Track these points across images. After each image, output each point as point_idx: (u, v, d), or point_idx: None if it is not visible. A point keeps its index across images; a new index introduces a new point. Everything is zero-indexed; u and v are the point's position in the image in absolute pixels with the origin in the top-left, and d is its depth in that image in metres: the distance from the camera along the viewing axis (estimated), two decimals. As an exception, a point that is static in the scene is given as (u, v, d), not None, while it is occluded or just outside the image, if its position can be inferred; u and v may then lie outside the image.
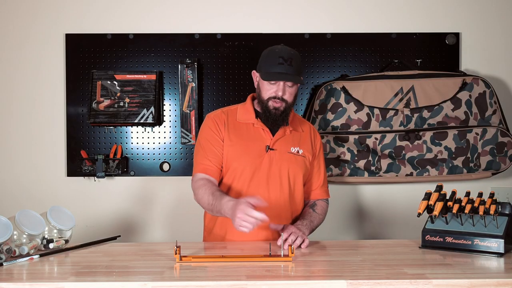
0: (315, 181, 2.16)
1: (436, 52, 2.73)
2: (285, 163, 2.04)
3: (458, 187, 1.89)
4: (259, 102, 2.06)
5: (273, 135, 2.05)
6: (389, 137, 2.59)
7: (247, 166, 2.02)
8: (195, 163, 2.06)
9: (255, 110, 2.09)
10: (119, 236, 2.03)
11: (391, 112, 2.61)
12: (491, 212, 1.70)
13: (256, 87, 2.08)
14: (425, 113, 2.61)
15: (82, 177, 2.69)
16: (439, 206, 1.71)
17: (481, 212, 1.69)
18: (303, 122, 2.19)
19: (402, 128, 2.61)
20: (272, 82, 1.99)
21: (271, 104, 2.01)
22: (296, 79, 1.98)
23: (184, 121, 2.65)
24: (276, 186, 2.02)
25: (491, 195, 1.76)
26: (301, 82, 2.01)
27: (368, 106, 2.61)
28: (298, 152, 2.07)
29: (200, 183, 1.99)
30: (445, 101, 2.61)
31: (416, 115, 2.61)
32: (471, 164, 2.59)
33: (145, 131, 2.70)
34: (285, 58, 1.98)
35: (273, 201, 2.01)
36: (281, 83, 1.98)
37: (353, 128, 2.61)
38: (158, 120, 2.66)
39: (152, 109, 2.61)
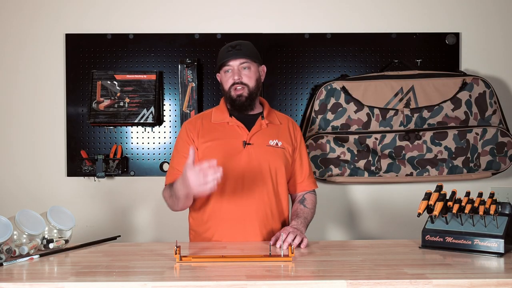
0: (299, 174, 2.14)
1: (436, 52, 2.73)
2: (265, 157, 2.03)
3: (458, 187, 1.89)
4: (224, 96, 2.10)
5: (249, 131, 2.05)
6: (389, 137, 2.59)
7: (225, 163, 1.99)
8: (167, 174, 2.11)
9: (228, 109, 2.11)
10: (119, 236, 2.03)
11: (391, 112, 2.61)
12: (491, 212, 1.70)
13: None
14: (425, 113, 2.61)
15: (82, 177, 2.69)
16: (439, 206, 1.71)
17: (481, 212, 1.69)
18: (281, 116, 2.19)
19: (402, 128, 2.61)
20: (227, 70, 2.05)
21: (233, 92, 2.05)
22: (241, 56, 2.03)
23: (184, 121, 2.65)
24: (258, 181, 2.01)
25: (491, 195, 1.76)
26: (247, 58, 2.04)
27: (368, 106, 2.61)
28: (277, 144, 2.07)
29: (165, 190, 2.05)
30: (445, 101, 2.61)
31: (416, 115, 2.61)
32: (471, 164, 2.59)
33: (145, 131, 2.70)
34: (232, 46, 2.06)
35: (256, 196, 2.01)
36: (235, 68, 2.04)
37: (353, 128, 2.61)
38: (158, 120, 2.66)
39: (152, 109, 2.62)
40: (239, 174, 2.01)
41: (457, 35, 2.74)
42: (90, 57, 2.70)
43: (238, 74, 2.04)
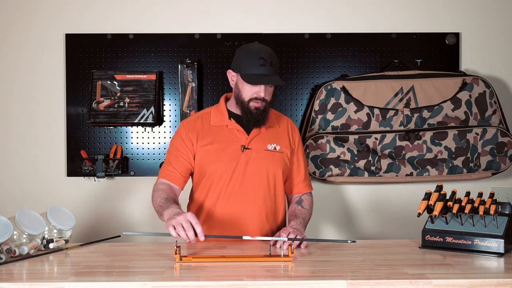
0: (296, 176, 2.13)
1: (436, 52, 2.73)
2: (262, 161, 2.02)
3: (458, 187, 1.89)
4: (238, 102, 2.02)
5: (248, 134, 2.04)
6: (389, 137, 2.59)
7: (224, 168, 2.00)
8: (161, 169, 2.08)
9: (228, 111, 2.07)
10: (119, 236, 2.03)
11: (391, 112, 2.61)
12: (491, 212, 1.70)
13: (233, 86, 2.05)
14: (425, 113, 2.61)
15: (82, 177, 2.69)
16: (439, 206, 1.71)
17: (481, 212, 1.69)
18: (280, 117, 2.16)
19: (402, 128, 2.61)
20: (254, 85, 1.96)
21: (252, 104, 1.98)
22: (280, 81, 1.97)
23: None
24: (255, 185, 2.01)
25: (491, 195, 1.76)
26: (284, 84, 2.01)
27: (368, 106, 2.61)
28: (275, 148, 2.05)
29: (160, 187, 2.00)
30: (445, 101, 2.61)
31: (416, 115, 2.61)
32: (471, 164, 2.59)
33: (145, 131, 2.70)
34: (265, 59, 1.95)
35: (253, 201, 2.01)
36: (263, 86, 1.96)
37: (353, 128, 2.61)
38: (158, 120, 2.66)
39: (152, 109, 2.62)
40: (237, 179, 2.00)
41: (457, 35, 2.74)
42: (90, 57, 2.70)
43: (265, 92, 1.97)
